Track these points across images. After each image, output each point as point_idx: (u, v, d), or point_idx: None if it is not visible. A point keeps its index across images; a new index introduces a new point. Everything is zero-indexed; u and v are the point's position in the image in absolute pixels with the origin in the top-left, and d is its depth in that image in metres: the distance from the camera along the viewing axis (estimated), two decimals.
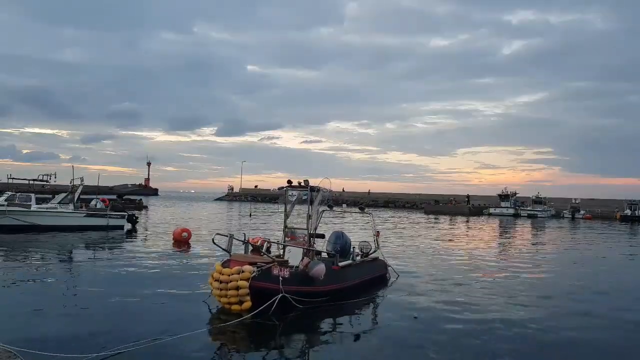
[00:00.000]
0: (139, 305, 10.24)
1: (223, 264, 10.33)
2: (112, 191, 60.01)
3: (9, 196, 26.21)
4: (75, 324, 8.71)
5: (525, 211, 68.88)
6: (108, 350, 7.00)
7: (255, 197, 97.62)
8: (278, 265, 10.17)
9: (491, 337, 8.71)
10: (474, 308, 10.90)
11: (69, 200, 26.96)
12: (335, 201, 42.65)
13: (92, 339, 7.69)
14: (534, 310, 11.01)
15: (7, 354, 6.37)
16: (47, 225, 24.82)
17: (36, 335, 7.69)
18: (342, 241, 13.14)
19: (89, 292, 11.40)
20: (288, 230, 12.09)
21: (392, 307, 11.02)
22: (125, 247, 20.59)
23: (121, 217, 28.71)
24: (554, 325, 9.66)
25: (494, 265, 18.28)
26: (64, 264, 15.84)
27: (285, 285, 9.72)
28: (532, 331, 9.21)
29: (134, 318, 9.20)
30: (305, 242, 11.62)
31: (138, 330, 8.30)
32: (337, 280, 11.21)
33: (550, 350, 8.24)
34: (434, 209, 70.27)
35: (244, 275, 9.59)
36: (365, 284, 12.39)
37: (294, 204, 12.22)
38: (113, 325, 8.62)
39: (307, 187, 11.80)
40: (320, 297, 10.39)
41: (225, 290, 9.60)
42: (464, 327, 9.30)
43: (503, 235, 35.25)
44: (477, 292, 12.75)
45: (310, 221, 11.73)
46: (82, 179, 27.76)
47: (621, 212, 65.05)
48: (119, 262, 16.08)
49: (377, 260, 14.12)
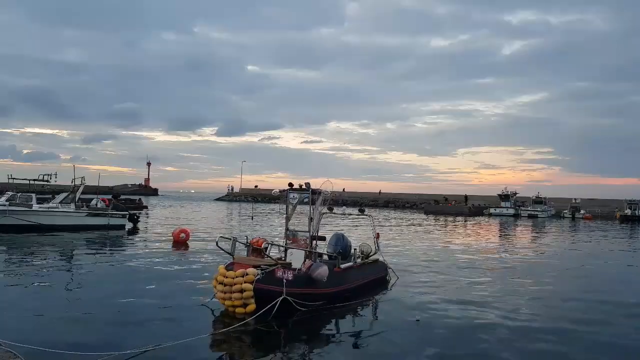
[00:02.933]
0: (141, 306, 10.27)
1: (227, 267, 10.37)
2: (111, 191, 59.87)
3: (10, 196, 26.23)
4: (76, 325, 8.74)
5: (526, 211, 68.84)
6: (109, 353, 7.01)
7: (255, 198, 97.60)
8: (281, 268, 10.23)
9: (493, 339, 8.74)
10: (475, 309, 10.95)
11: (70, 200, 27.00)
12: (335, 201, 42.65)
13: (93, 342, 7.73)
14: (536, 311, 11.03)
15: (8, 354, 6.39)
16: (48, 225, 24.89)
17: (37, 336, 7.72)
18: (343, 243, 13.18)
19: (90, 293, 11.43)
20: (289, 232, 12.15)
21: (393, 308, 11.05)
22: (127, 247, 20.64)
23: (122, 216, 28.78)
24: (556, 327, 9.69)
25: (494, 265, 18.30)
26: (65, 264, 15.88)
27: (289, 287, 9.77)
28: (534, 332, 9.24)
29: (136, 320, 9.21)
30: (306, 244, 11.67)
31: (141, 332, 8.36)
32: (339, 283, 11.26)
33: (552, 351, 8.27)
34: (434, 209, 70.23)
35: (248, 277, 9.64)
36: (366, 286, 12.44)
37: (295, 207, 12.27)
38: (115, 328, 8.67)
39: (308, 190, 11.85)
40: (322, 299, 10.43)
41: (230, 293, 9.64)
42: (466, 329, 9.35)
43: (503, 236, 35.26)
44: (477, 293, 12.78)
45: (311, 223, 11.78)
46: (83, 179, 27.79)
47: (621, 212, 65.01)
48: (120, 262, 16.14)
49: (378, 262, 14.17)
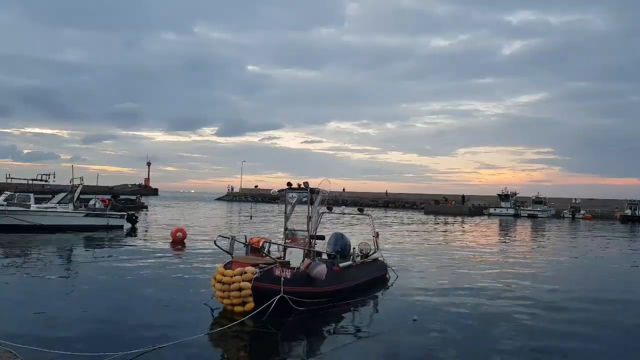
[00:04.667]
0: (139, 306, 10.24)
1: (225, 266, 10.35)
2: (111, 191, 59.90)
3: (8, 196, 26.17)
4: (75, 325, 8.69)
5: (526, 211, 68.82)
6: (109, 353, 6.96)
7: (255, 198, 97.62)
8: (280, 266, 10.18)
9: (493, 339, 8.70)
10: (475, 308, 10.91)
11: (69, 200, 26.93)
12: (335, 201, 42.64)
13: (92, 341, 7.70)
14: (536, 311, 10.98)
15: (8, 354, 6.35)
16: (46, 225, 24.81)
17: (36, 336, 7.69)
18: (342, 242, 13.14)
19: (89, 293, 11.41)
20: (288, 232, 12.11)
21: (392, 308, 11.03)
22: (125, 247, 20.56)
23: (121, 216, 28.71)
24: (556, 327, 9.64)
25: (494, 265, 18.25)
26: (63, 264, 15.83)
27: (287, 286, 9.73)
28: (534, 332, 9.19)
29: (135, 320, 9.18)
30: (305, 243, 11.63)
31: (140, 332, 8.31)
32: (338, 281, 11.23)
33: (552, 352, 8.21)
34: (434, 209, 70.21)
35: (247, 276, 9.61)
36: (366, 285, 12.41)
37: (294, 206, 12.24)
38: (114, 327, 8.62)
39: (307, 189, 11.81)
40: (321, 298, 10.40)
41: (228, 292, 9.61)
42: (464, 328, 9.30)
43: (503, 236, 35.21)
44: (477, 292, 12.73)
45: (310, 223, 11.74)
46: (81, 179, 27.74)
47: (621, 212, 64.97)
48: (119, 262, 16.08)
49: (377, 261, 14.14)
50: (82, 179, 27.75)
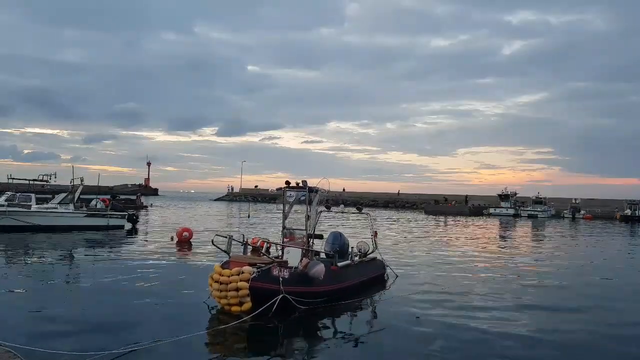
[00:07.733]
0: (138, 305, 10.26)
1: (222, 265, 10.36)
2: (111, 191, 59.94)
3: (9, 196, 26.21)
4: (74, 324, 8.73)
5: (526, 211, 68.78)
6: (108, 352, 7.02)
7: (255, 197, 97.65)
8: (278, 266, 10.21)
9: (492, 339, 8.71)
10: (474, 308, 10.94)
11: (69, 200, 26.98)
12: (335, 201, 42.70)
13: (91, 340, 7.73)
14: (535, 310, 11.02)
15: (8, 354, 6.40)
16: (47, 226, 24.85)
17: (36, 335, 7.73)
18: (341, 242, 13.16)
19: (89, 292, 11.43)
20: (286, 231, 12.13)
21: (391, 307, 11.04)
22: (126, 247, 20.61)
23: (121, 217, 28.76)
24: (556, 328, 9.63)
25: (494, 265, 18.28)
26: (64, 265, 15.86)
27: (285, 285, 9.75)
28: (533, 332, 9.20)
29: (134, 319, 9.21)
30: (303, 242, 11.65)
31: (138, 331, 8.35)
32: (336, 281, 11.22)
33: (552, 354, 8.23)
34: (434, 209, 70.22)
35: (244, 276, 9.62)
36: (364, 284, 12.42)
37: (292, 205, 12.25)
38: (113, 326, 8.65)
39: (305, 188, 11.83)
40: (319, 297, 10.42)
41: (225, 292, 9.61)
42: (464, 328, 9.31)
43: (503, 236, 35.21)
44: (476, 292, 12.77)
45: (308, 222, 11.77)
46: (82, 179, 27.77)
47: (621, 212, 64.92)
48: (119, 262, 16.11)
49: (376, 261, 14.16)
50: (82, 179, 27.79)
